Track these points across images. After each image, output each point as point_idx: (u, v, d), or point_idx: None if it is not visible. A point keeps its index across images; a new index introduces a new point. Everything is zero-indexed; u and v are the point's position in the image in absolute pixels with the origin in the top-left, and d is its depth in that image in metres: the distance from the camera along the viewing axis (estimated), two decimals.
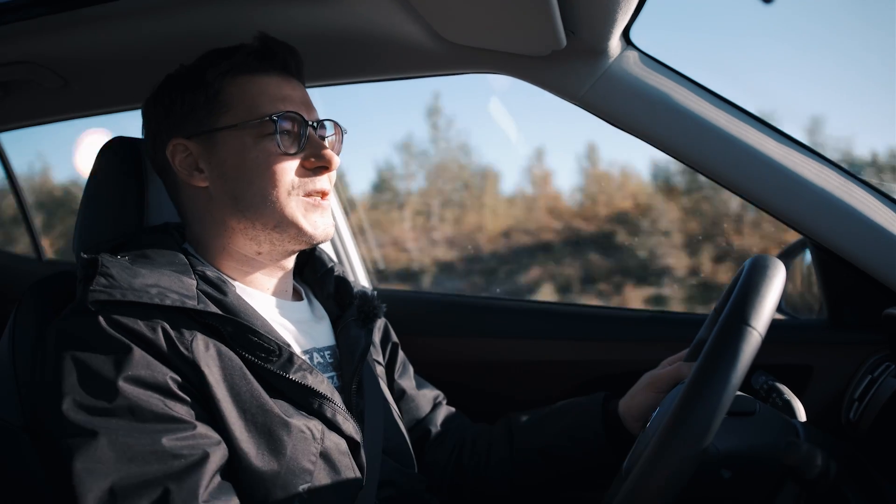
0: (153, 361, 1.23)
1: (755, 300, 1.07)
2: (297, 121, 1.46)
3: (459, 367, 2.28)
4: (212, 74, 1.46)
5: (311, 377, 1.37)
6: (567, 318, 2.28)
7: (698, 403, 1.01)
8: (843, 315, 1.89)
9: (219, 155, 1.46)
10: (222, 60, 1.47)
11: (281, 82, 1.50)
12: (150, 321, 1.26)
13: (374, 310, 1.71)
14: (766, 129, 1.68)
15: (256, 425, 1.28)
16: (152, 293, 1.28)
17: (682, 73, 1.71)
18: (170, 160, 1.48)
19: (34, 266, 3.73)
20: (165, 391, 1.22)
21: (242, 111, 1.45)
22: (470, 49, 1.75)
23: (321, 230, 1.49)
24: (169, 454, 1.17)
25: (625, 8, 1.47)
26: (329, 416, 1.38)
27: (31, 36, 1.77)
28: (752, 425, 1.23)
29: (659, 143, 1.71)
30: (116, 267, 1.30)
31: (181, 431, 1.20)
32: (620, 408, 1.66)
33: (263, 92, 1.47)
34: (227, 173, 1.45)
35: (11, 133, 3.09)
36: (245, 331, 1.33)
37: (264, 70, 1.49)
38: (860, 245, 1.59)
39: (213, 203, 1.48)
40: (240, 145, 1.44)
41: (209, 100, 1.46)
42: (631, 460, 1.21)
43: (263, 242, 1.48)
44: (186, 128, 1.48)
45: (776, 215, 1.66)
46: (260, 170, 1.43)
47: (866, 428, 1.58)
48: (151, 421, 1.19)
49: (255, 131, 1.44)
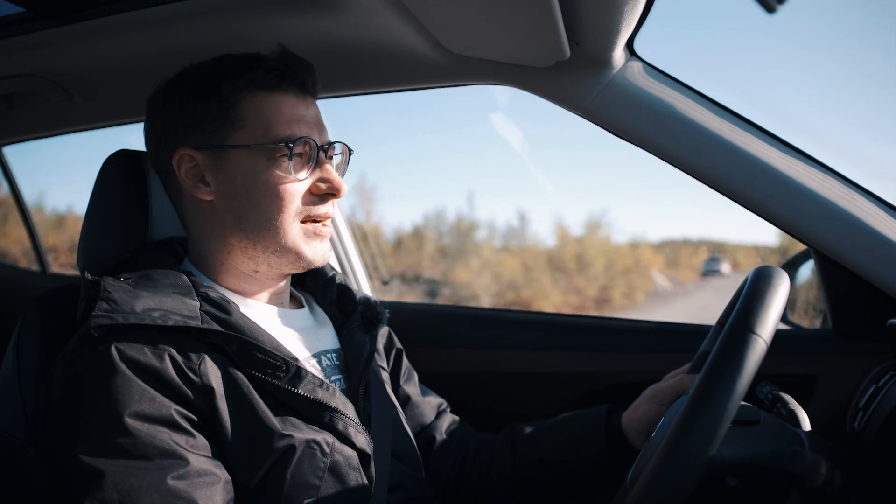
0: (158, 395, 1.22)
1: (760, 310, 1.07)
2: (310, 145, 1.45)
3: (462, 379, 2.27)
4: (229, 87, 1.43)
5: (321, 391, 1.37)
6: (570, 330, 2.28)
7: (704, 411, 1.00)
8: (847, 325, 1.89)
9: (227, 171, 1.44)
10: (241, 74, 1.44)
11: (297, 102, 1.47)
12: (156, 348, 1.25)
13: (377, 316, 1.71)
14: (769, 139, 1.68)
15: (262, 442, 1.28)
16: (154, 316, 1.27)
17: (685, 83, 1.71)
18: (175, 168, 1.47)
19: (39, 279, 3.73)
20: (171, 424, 1.22)
21: (256, 130, 1.43)
22: (474, 60, 1.76)
23: (320, 257, 1.50)
24: (173, 494, 1.17)
25: (628, 19, 1.48)
26: (341, 430, 1.37)
27: (34, 49, 1.78)
28: (757, 435, 1.23)
29: (663, 154, 1.71)
30: (118, 291, 1.30)
31: (184, 468, 1.19)
32: (623, 420, 1.65)
33: (279, 112, 1.44)
34: (235, 191, 1.44)
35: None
36: (251, 348, 1.32)
37: (282, 88, 1.46)
38: (864, 255, 1.59)
39: (216, 217, 1.47)
40: (250, 165, 1.42)
41: (223, 112, 1.43)
42: (636, 470, 1.21)
43: (261, 263, 1.47)
44: (195, 138, 1.45)
45: (780, 225, 1.66)
46: (268, 192, 1.42)
47: (871, 437, 1.58)
48: (157, 458, 1.18)
49: (267, 153, 1.42)
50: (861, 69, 63.50)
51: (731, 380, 1.01)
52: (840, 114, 52.24)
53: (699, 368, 1.55)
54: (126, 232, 1.58)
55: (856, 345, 1.86)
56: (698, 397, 1.02)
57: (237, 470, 1.27)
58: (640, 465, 1.21)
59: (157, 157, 1.52)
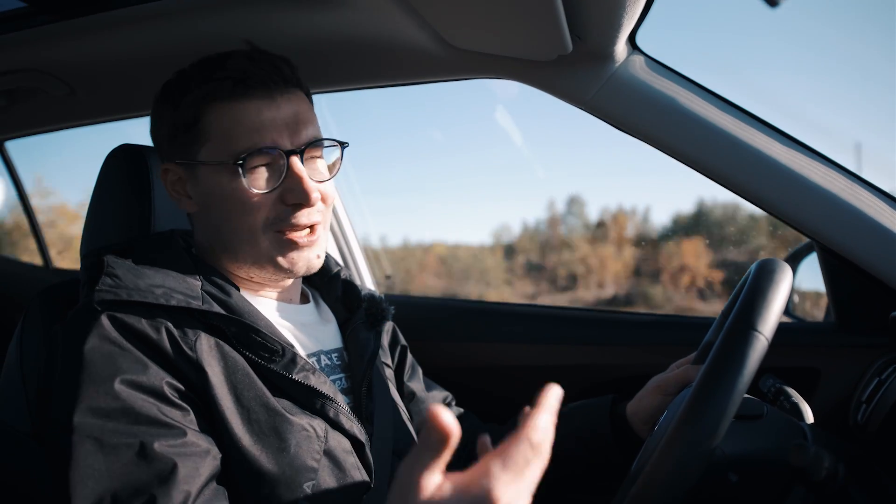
0: (151, 365, 1.24)
1: (762, 303, 1.07)
2: (275, 155, 1.39)
3: (468, 372, 2.28)
4: (188, 101, 1.40)
5: (314, 377, 1.37)
6: (575, 323, 2.28)
7: (706, 406, 1.01)
8: (850, 318, 1.88)
9: (200, 186, 1.43)
10: (199, 84, 1.40)
11: (261, 106, 1.39)
12: (154, 321, 1.27)
13: (382, 312, 1.70)
14: (772, 132, 1.68)
15: (259, 423, 1.29)
16: (157, 293, 1.29)
17: (688, 76, 1.71)
18: (164, 181, 1.48)
19: (42, 274, 3.74)
20: (160, 396, 1.23)
21: (219, 145, 1.39)
22: (477, 55, 1.76)
23: (301, 266, 1.45)
24: (158, 459, 1.17)
25: (631, 13, 1.47)
26: (332, 416, 1.38)
27: (36, 43, 1.77)
28: (760, 428, 1.23)
29: (665, 147, 1.71)
30: (122, 268, 1.32)
31: (172, 438, 1.20)
32: (628, 411, 1.65)
33: (239, 122, 1.38)
34: (210, 206, 1.43)
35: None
36: (248, 331, 1.33)
37: (243, 94, 1.38)
38: (867, 248, 1.59)
39: (203, 228, 1.49)
40: (216, 181, 1.40)
41: (187, 127, 1.41)
42: (639, 463, 1.21)
43: (251, 271, 1.47)
44: (172, 152, 1.45)
45: (783, 218, 1.66)
46: (235, 208, 1.39)
47: (874, 430, 1.58)
48: (145, 424, 1.19)
49: (229, 169, 1.38)
50: (865, 63, 62.87)
51: (733, 376, 1.02)
52: (845, 108, 51.65)
53: (703, 359, 1.55)
54: (128, 225, 1.58)
55: (859, 338, 1.86)
56: (700, 394, 1.02)
57: (232, 449, 1.27)
58: (644, 457, 1.21)
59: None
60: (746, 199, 1.69)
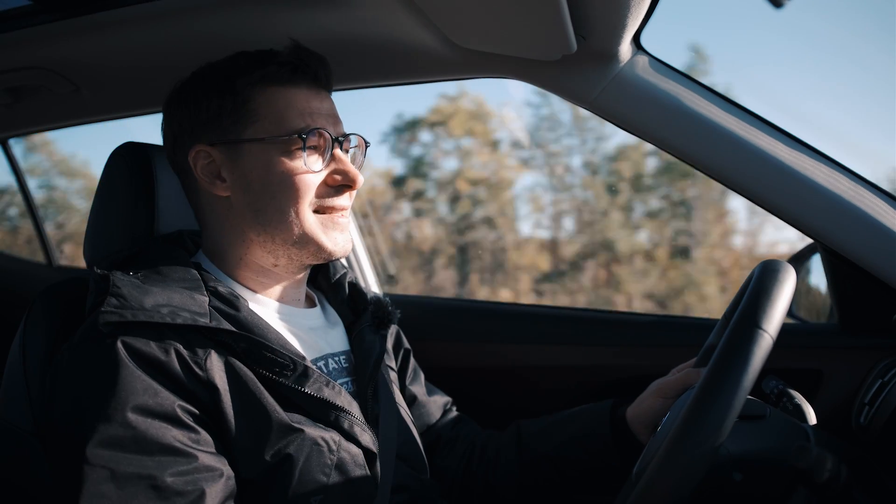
0: (161, 389, 1.22)
1: (766, 304, 1.07)
2: (324, 137, 1.46)
3: (469, 372, 2.28)
4: (242, 83, 1.44)
5: (328, 389, 1.37)
6: (577, 323, 2.28)
7: (710, 405, 1.01)
8: (853, 319, 1.89)
9: (242, 166, 1.44)
10: (254, 69, 1.44)
11: (310, 95, 1.48)
12: (162, 342, 1.25)
13: (388, 315, 1.71)
14: (776, 133, 1.68)
15: (269, 440, 1.28)
16: (164, 312, 1.27)
17: (692, 77, 1.71)
18: (191, 165, 1.47)
19: (45, 271, 3.74)
20: (174, 420, 1.22)
21: (270, 124, 1.43)
22: (481, 54, 1.76)
23: (340, 247, 1.49)
24: (172, 491, 1.17)
25: (635, 13, 1.47)
26: (346, 428, 1.38)
27: (41, 41, 1.78)
28: (763, 429, 1.23)
29: (669, 147, 1.71)
30: (127, 286, 1.30)
31: (185, 465, 1.19)
32: (629, 414, 1.65)
33: (292, 105, 1.45)
34: (250, 185, 1.44)
35: None
36: (259, 347, 1.32)
37: (295, 82, 1.46)
38: (870, 249, 1.59)
39: (234, 213, 1.48)
40: (265, 159, 1.43)
41: (237, 108, 1.44)
42: (642, 464, 1.21)
43: (281, 256, 1.48)
44: (210, 134, 1.46)
45: (786, 219, 1.66)
46: (283, 185, 1.42)
47: (877, 432, 1.58)
48: (157, 453, 1.18)
49: (281, 146, 1.42)
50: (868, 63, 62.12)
51: (737, 375, 1.02)
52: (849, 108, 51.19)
53: (705, 362, 1.55)
54: (132, 224, 1.57)
55: (862, 339, 1.86)
56: (704, 393, 1.02)
57: (243, 465, 1.27)
58: (646, 459, 1.21)
59: (175, 156, 1.53)
60: (750, 200, 1.69)
